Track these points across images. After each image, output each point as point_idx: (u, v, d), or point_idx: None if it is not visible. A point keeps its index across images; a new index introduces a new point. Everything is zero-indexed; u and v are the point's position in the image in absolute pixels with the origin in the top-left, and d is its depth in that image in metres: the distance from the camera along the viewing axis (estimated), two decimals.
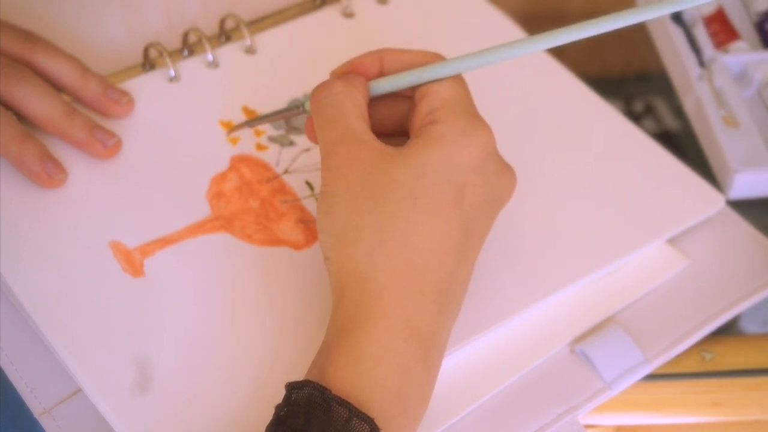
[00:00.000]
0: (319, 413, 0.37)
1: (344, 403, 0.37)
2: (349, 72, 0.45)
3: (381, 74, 0.46)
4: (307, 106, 0.46)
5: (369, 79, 0.46)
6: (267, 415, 0.39)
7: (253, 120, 0.51)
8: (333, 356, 0.40)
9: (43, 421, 0.44)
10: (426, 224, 0.41)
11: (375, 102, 0.46)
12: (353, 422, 0.37)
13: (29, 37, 0.52)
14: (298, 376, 0.42)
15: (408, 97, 0.46)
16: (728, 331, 0.52)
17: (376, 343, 0.39)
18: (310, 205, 0.51)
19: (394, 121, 0.47)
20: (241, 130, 0.52)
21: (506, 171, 0.44)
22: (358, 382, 0.39)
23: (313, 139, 0.46)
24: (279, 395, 0.39)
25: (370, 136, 0.43)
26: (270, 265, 0.48)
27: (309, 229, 0.49)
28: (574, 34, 0.42)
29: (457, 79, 0.45)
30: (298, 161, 0.52)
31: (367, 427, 0.37)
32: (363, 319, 0.40)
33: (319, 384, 0.38)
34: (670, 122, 0.67)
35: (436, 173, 0.42)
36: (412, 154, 0.42)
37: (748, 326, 0.53)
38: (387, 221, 0.41)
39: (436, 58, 0.45)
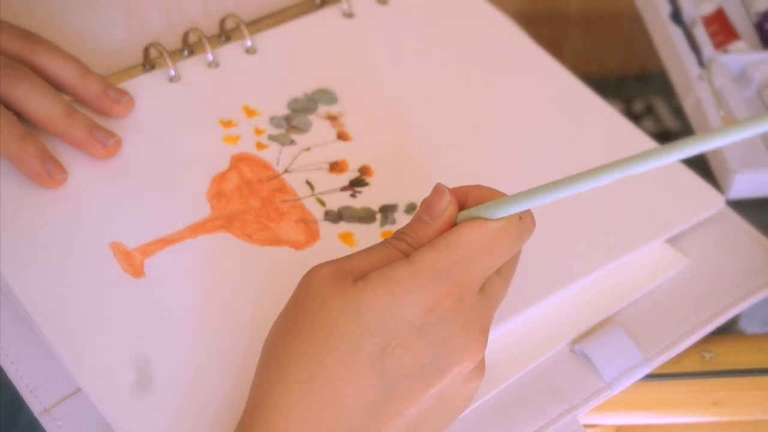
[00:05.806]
0: None
1: None
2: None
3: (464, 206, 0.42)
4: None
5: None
6: None
7: None
8: None
9: (43, 420, 0.44)
10: (338, 371, 0.37)
11: None
12: None
13: (30, 37, 0.52)
14: None
15: None
16: (728, 330, 0.52)
17: None
18: (311, 205, 0.51)
19: None
20: None
21: (461, 339, 0.39)
22: None
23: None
24: None
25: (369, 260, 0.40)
26: (270, 265, 0.48)
27: (309, 229, 0.49)
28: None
29: (502, 230, 0.40)
30: (299, 160, 0.52)
31: None
32: None
33: None
34: (670, 122, 0.67)
35: (372, 320, 0.38)
36: (363, 290, 0.38)
37: (748, 326, 0.54)
38: (297, 355, 0.38)
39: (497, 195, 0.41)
